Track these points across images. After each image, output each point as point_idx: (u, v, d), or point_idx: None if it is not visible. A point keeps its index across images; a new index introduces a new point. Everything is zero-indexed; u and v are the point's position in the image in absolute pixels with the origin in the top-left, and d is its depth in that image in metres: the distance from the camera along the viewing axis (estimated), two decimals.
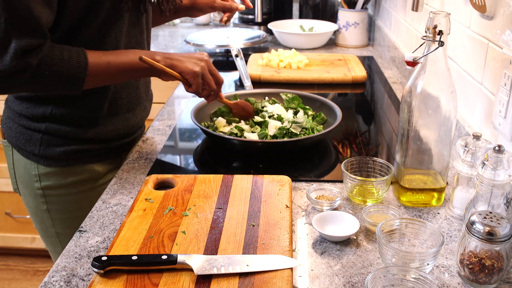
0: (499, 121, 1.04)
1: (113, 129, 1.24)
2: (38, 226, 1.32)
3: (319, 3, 2.62)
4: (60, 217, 1.27)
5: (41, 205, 1.26)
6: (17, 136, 1.21)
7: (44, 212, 1.26)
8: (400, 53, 1.89)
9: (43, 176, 1.22)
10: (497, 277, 0.82)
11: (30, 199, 1.27)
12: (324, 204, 1.02)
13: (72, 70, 1.04)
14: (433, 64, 0.95)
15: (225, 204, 1.01)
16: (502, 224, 0.79)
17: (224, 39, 2.32)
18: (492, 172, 0.83)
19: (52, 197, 1.24)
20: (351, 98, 1.78)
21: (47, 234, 1.31)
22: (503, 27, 1.05)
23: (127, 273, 0.82)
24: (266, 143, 1.22)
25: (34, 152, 1.20)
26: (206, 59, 1.18)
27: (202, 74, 1.16)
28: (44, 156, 1.20)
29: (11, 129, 1.23)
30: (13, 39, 0.97)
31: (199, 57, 1.17)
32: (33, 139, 1.19)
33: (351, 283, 0.83)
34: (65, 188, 1.23)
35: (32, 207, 1.29)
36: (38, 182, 1.22)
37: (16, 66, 0.98)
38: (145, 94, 1.34)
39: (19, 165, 1.24)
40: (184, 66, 1.15)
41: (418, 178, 1.04)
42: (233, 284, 0.79)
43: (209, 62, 1.19)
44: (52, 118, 1.17)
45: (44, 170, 1.21)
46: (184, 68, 1.15)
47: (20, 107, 1.19)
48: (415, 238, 0.90)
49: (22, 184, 1.27)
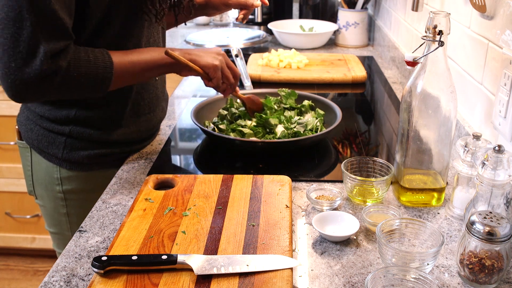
0: (499, 121, 1.04)
1: (135, 130, 1.24)
2: (53, 229, 1.31)
3: (319, 3, 2.62)
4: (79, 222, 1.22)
5: (61, 208, 1.25)
6: (39, 139, 1.19)
7: (63, 215, 1.26)
8: (400, 53, 1.89)
9: (65, 179, 1.21)
10: (497, 277, 0.82)
11: (49, 201, 1.26)
12: (324, 204, 1.02)
13: (99, 70, 1.03)
14: (433, 64, 0.95)
15: (225, 204, 1.01)
16: (502, 224, 0.79)
17: (224, 39, 2.32)
18: (492, 172, 0.83)
19: (73, 201, 1.23)
20: (351, 98, 1.78)
21: (63, 237, 1.29)
22: (503, 27, 1.05)
23: (127, 273, 0.82)
24: (266, 143, 1.22)
25: (57, 155, 1.18)
26: (223, 53, 1.20)
27: (222, 68, 1.18)
28: (67, 159, 1.18)
29: (32, 131, 1.20)
30: (42, 42, 0.95)
31: (217, 51, 1.19)
32: (56, 142, 1.17)
33: (351, 283, 0.83)
34: (86, 192, 1.22)
35: (49, 210, 1.27)
36: (59, 185, 1.21)
37: (47, 70, 0.96)
38: (162, 94, 1.33)
39: (39, 168, 1.22)
40: (204, 60, 1.16)
41: (418, 178, 1.04)
42: (233, 284, 0.79)
43: (226, 56, 1.20)
44: (76, 120, 1.16)
45: (67, 174, 1.20)
46: (205, 63, 1.16)
47: (43, 109, 1.16)
48: (415, 238, 0.90)
49: (41, 187, 1.25)
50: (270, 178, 1.11)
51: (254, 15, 2.64)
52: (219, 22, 2.95)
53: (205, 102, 1.41)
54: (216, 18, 2.96)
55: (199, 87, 1.85)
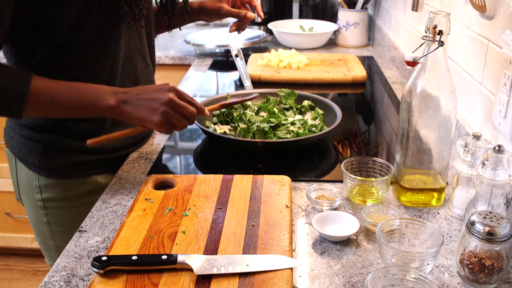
0: (499, 121, 1.04)
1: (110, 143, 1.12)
2: (38, 239, 1.28)
3: (319, 3, 2.62)
4: (60, 231, 1.22)
5: (42, 217, 1.22)
6: (19, 147, 1.18)
7: (44, 224, 1.23)
8: (400, 53, 1.89)
9: (44, 187, 1.18)
10: (497, 277, 0.82)
11: (31, 210, 1.24)
12: (324, 204, 1.02)
13: (12, 83, 0.94)
14: (433, 64, 0.95)
15: (225, 204, 1.01)
16: (502, 224, 0.79)
17: (224, 39, 2.32)
18: (492, 172, 0.83)
19: (53, 209, 1.21)
20: (351, 98, 1.78)
21: (47, 248, 1.28)
22: (503, 27, 1.05)
23: (127, 273, 0.82)
24: (266, 143, 1.22)
25: (35, 163, 1.16)
26: (171, 97, 1.01)
27: (167, 119, 1.01)
28: (44, 167, 1.16)
29: (13, 139, 1.20)
30: None
31: (162, 99, 1.00)
32: (34, 149, 1.16)
33: (351, 283, 0.83)
34: (66, 200, 1.19)
35: (32, 219, 1.26)
36: (39, 193, 1.19)
37: None
38: None
39: (22, 175, 1.21)
40: (142, 116, 1.01)
41: (418, 178, 1.04)
42: (233, 284, 0.79)
43: (173, 100, 1.01)
44: (53, 129, 1.14)
45: (45, 182, 1.17)
46: (144, 121, 1.01)
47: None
48: (415, 238, 0.90)
49: (24, 195, 1.24)
50: (270, 178, 1.11)
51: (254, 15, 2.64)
52: (219, 22, 2.95)
53: (205, 102, 1.41)
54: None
55: (199, 87, 1.85)
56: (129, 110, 1.01)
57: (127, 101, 1.01)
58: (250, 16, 1.40)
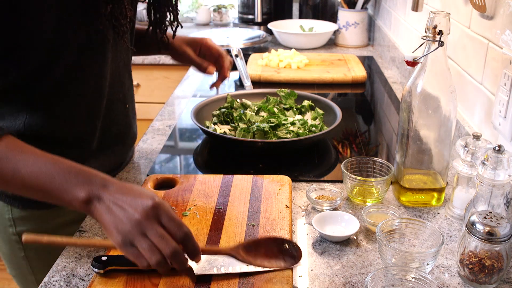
0: (499, 121, 1.04)
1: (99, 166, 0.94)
2: (14, 273, 1.15)
3: (319, 3, 2.62)
4: (41, 265, 1.06)
5: (18, 251, 1.09)
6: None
7: (22, 259, 1.09)
8: (400, 53, 1.89)
9: (19, 220, 1.05)
10: (497, 277, 0.82)
11: (4, 245, 1.10)
12: (324, 204, 1.02)
13: None
14: (433, 64, 0.95)
15: (225, 204, 1.01)
16: (502, 224, 0.79)
17: (224, 39, 2.32)
18: (492, 172, 0.83)
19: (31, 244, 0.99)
20: (351, 98, 1.78)
21: (26, 281, 1.14)
22: (503, 27, 1.05)
23: (127, 273, 0.82)
24: (266, 143, 1.22)
25: (6, 193, 1.03)
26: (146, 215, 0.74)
27: (130, 242, 0.74)
28: (18, 198, 1.02)
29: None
30: None
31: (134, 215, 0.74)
32: None
33: (351, 283, 0.83)
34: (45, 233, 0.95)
35: (6, 253, 1.12)
36: (12, 227, 1.05)
37: None
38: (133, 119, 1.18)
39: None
40: (107, 226, 0.75)
41: (418, 178, 1.04)
42: (233, 284, 0.79)
43: (147, 222, 0.74)
44: None
45: (19, 214, 1.04)
46: (107, 233, 0.76)
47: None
48: (415, 238, 0.90)
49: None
50: (270, 178, 1.11)
51: (254, 15, 2.64)
52: (219, 22, 2.95)
53: (205, 102, 1.41)
54: (216, 18, 2.96)
55: (199, 87, 1.85)
56: (100, 212, 0.76)
57: (102, 198, 0.76)
58: (209, 71, 1.29)
